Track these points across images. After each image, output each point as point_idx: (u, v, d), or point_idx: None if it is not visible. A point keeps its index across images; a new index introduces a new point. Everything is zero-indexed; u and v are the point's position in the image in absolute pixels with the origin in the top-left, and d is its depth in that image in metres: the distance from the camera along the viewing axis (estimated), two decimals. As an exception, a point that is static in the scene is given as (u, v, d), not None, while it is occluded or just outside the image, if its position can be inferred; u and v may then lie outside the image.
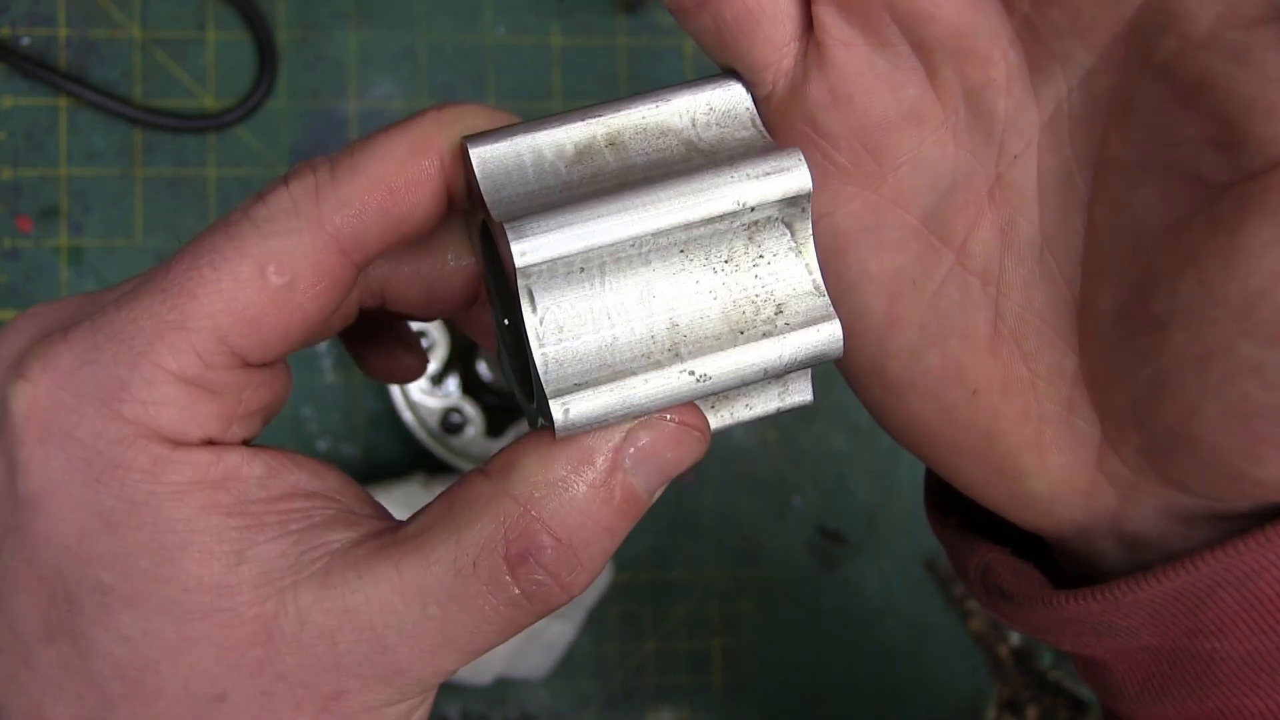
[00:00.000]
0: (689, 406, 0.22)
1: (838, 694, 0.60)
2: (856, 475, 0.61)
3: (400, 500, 0.53)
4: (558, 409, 0.21)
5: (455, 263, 0.26)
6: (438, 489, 0.53)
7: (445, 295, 0.27)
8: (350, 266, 0.23)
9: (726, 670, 0.60)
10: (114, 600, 0.22)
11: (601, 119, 0.23)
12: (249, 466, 0.22)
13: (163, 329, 0.21)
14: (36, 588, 0.22)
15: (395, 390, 0.50)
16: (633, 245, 0.21)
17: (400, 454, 0.58)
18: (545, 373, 0.21)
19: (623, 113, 0.23)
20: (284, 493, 0.23)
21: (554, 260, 0.21)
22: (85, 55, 0.57)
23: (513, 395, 0.53)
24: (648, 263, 0.22)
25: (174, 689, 0.22)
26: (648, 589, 0.60)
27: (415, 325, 0.50)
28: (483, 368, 0.52)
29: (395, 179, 0.23)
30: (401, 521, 0.24)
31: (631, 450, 0.22)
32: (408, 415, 0.50)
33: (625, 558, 0.59)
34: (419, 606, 0.22)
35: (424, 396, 0.51)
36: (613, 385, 0.21)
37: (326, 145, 0.58)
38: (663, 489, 0.23)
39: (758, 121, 0.23)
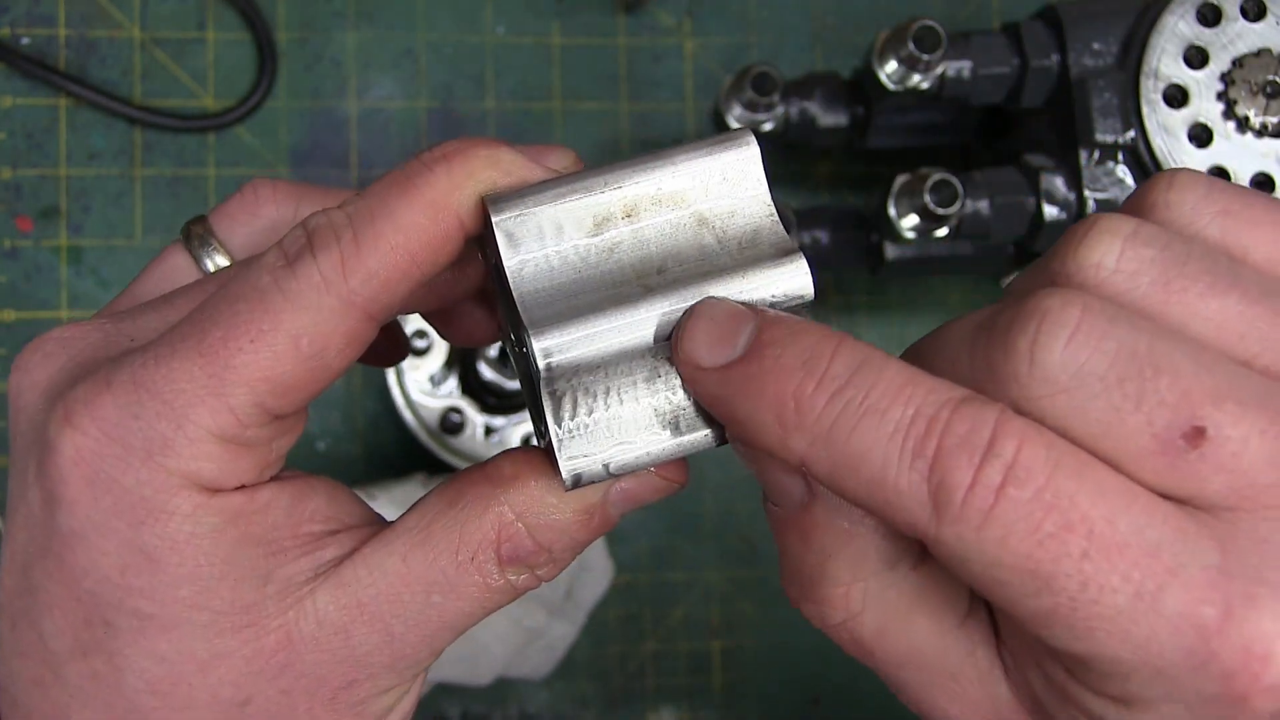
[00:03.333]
0: (676, 463, 0.26)
1: (837, 694, 0.60)
2: (857, 476, 0.61)
3: (400, 500, 0.53)
4: (568, 475, 0.24)
5: (458, 274, 0.29)
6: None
7: (446, 296, 0.29)
8: (375, 325, 0.25)
9: (726, 671, 0.60)
10: (152, 626, 0.24)
11: (620, 190, 0.25)
12: (277, 500, 0.25)
13: (204, 394, 0.23)
14: (73, 609, 0.24)
15: (395, 390, 0.50)
16: (642, 342, 0.24)
17: (400, 454, 0.58)
18: (560, 448, 0.24)
19: (640, 183, 0.25)
20: (305, 518, 0.26)
21: (573, 364, 0.24)
22: (85, 55, 0.57)
23: (512, 396, 0.53)
24: (656, 353, 0.24)
25: (204, 698, 0.25)
26: (648, 590, 0.60)
27: (417, 324, 0.50)
28: (483, 367, 0.52)
29: (417, 247, 0.24)
30: (391, 522, 0.27)
31: (616, 491, 0.26)
32: (408, 415, 0.50)
33: (625, 559, 0.59)
34: (424, 595, 0.25)
35: (424, 396, 0.50)
36: (617, 451, 0.24)
37: (326, 145, 0.58)
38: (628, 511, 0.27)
39: (766, 196, 0.25)
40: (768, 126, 0.53)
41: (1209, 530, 0.20)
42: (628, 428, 0.24)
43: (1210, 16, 0.48)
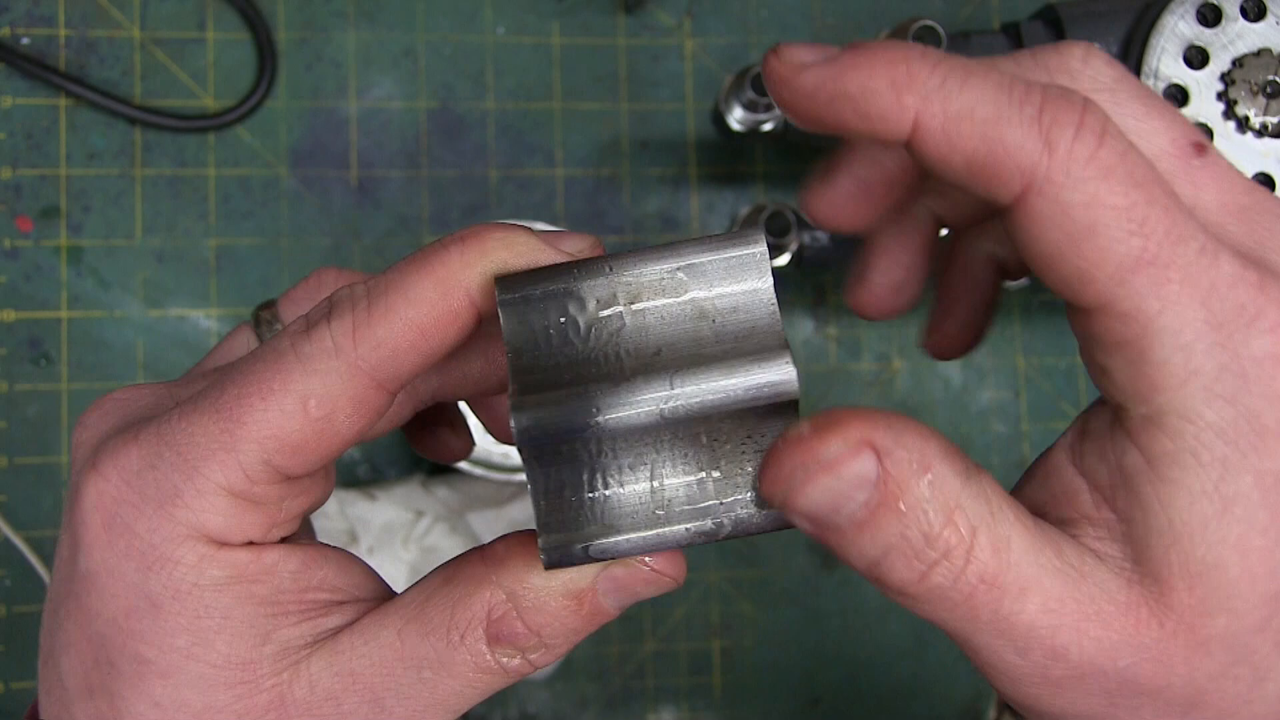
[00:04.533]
0: (667, 555, 0.26)
1: (837, 695, 0.60)
2: (857, 476, 0.61)
3: (400, 500, 0.53)
4: (545, 555, 0.24)
5: (491, 360, 0.30)
6: (437, 489, 0.53)
7: (493, 384, 0.30)
8: (385, 395, 0.26)
9: (726, 671, 0.60)
10: (150, 671, 0.25)
11: (624, 279, 0.25)
12: (284, 563, 0.26)
13: (215, 448, 0.25)
14: (85, 649, 0.26)
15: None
16: (634, 425, 0.24)
17: (400, 454, 0.58)
18: (539, 527, 0.24)
19: (645, 273, 0.25)
20: (311, 585, 0.26)
21: (558, 444, 0.24)
22: (85, 55, 0.57)
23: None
24: (645, 440, 0.24)
25: None
26: (648, 589, 0.60)
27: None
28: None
29: (426, 321, 0.25)
30: (396, 593, 0.28)
31: (605, 578, 0.26)
32: (408, 415, 0.50)
33: (625, 558, 0.59)
34: (415, 671, 0.25)
35: (424, 397, 0.51)
36: (598, 534, 0.24)
37: (326, 145, 0.58)
38: (624, 609, 0.27)
39: (771, 295, 0.25)
40: (768, 126, 0.53)
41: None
42: (612, 512, 0.24)
43: (1210, 16, 0.48)
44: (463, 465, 0.50)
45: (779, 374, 0.23)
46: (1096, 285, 0.22)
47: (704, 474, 0.24)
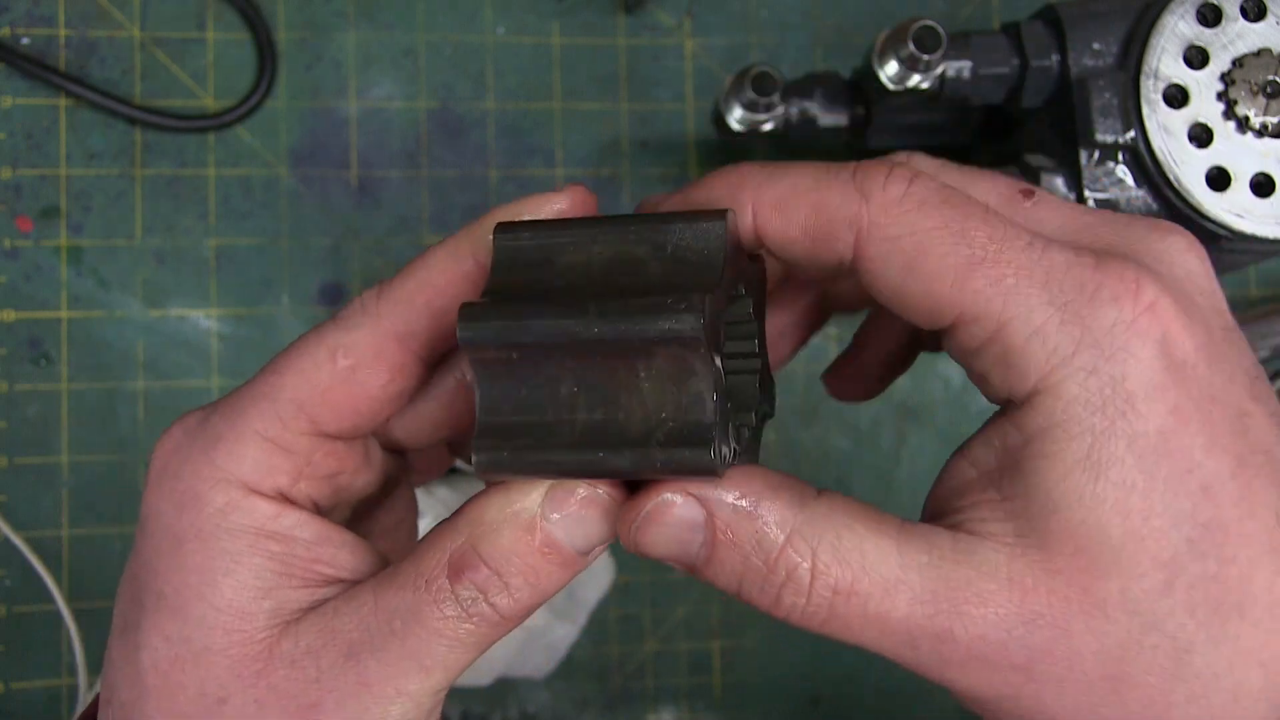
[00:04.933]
0: (605, 482, 0.27)
1: (837, 695, 0.60)
2: (857, 475, 0.61)
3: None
4: (476, 460, 0.26)
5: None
6: (437, 490, 0.53)
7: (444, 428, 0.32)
8: (407, 353, 0.28)
9: (726, 671, 0.60)
10: (165, 606, 0.27)
11: (604, 231, 0.27)
12: (302, 529, 0.28)
13: (256, 397, 0.28)
14: (126, 589, 0.28)
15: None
16: (565, 346, 0.25)
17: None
18: (476, 434, 0.26)
19: (628, 234, 0.27)
20: (322, 558, 0.28)
21: (492, 346, 0.25)
22: (85, 55, 0.57)
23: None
24: (581, 365, 0.25)
25: (192, 688, 0.27)
26: (648, 590, 0.60)
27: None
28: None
29: (440, 280, 0.28)
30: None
31: (549, 503, 0.27)
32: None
33: (626, 560, 0.59)
34: (387, 623, 0.26)
35: (424, 397, 0.51)
36: (527, 453, 0.26)
37: (326, 145, 0.58)
38: (597, 549, 0.28)
39: (722, 251, 0.26)
40: (768, 126, 0.53)
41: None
42: (543, 429, 0.25)
43: (1210, 16, 0.48)
44: (462, 465, 0.50)
45: (680, 323, 0.24)
46: (942, 300, 0.25)
47: (623, 408, 0.25)
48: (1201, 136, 0.47)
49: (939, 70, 0.49)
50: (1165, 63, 0.47)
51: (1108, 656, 0.24)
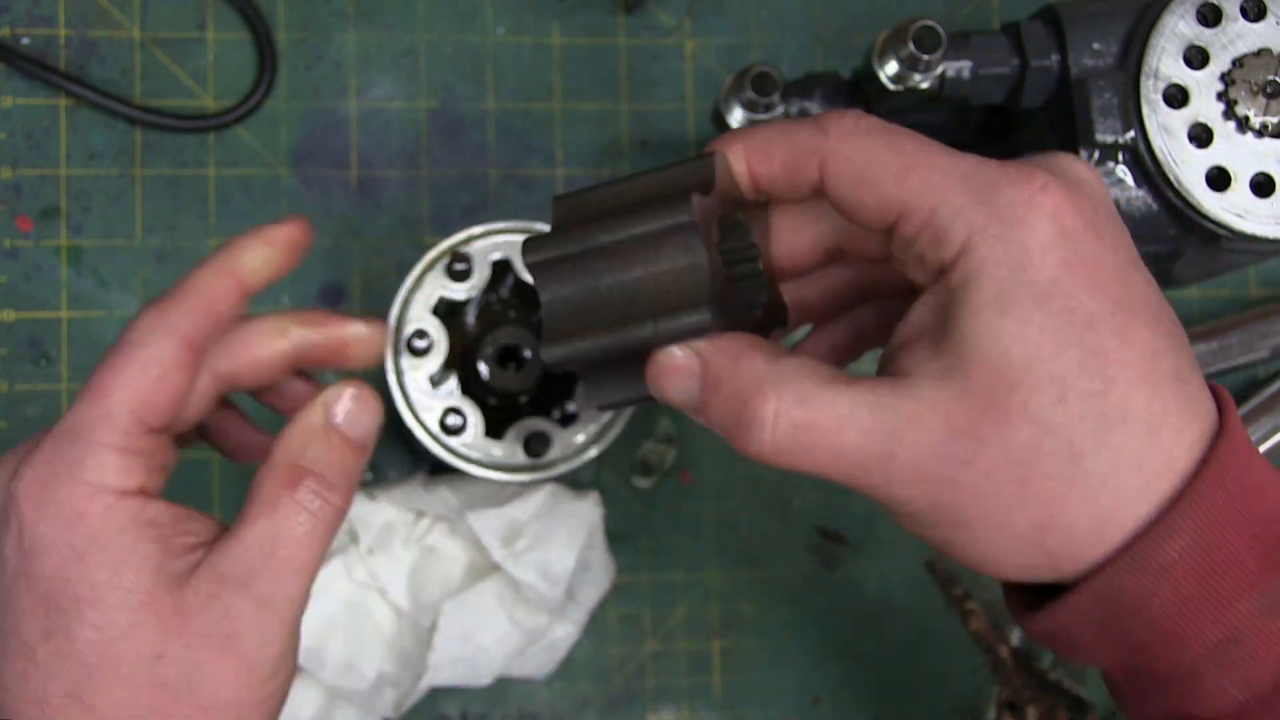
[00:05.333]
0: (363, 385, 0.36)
1: (838, 694, 0.60)
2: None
3: (400, 500, 0.53)
4: (547, 349, 0.34)
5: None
6: (438, 489, 0.53)
7: (281, 368, 0.39)
8: (194, 353, 0.35)
9: (726, 671, 0.60)
10: (85, 603, 0.33)
11: (628, 181, 0.35)
12: (164, 514, 0.34)
13: (97, 419, 0.34)
14: (37, 607, 0.33)
15: (395, 391, 0.50)
16: (598, 250, 0.33)
17: (400, 454, 0.58)
18: (545, 331, 0.34)
19: (646, 180, 0.35)
20: (187, 531, 0.35)
21: (548, 261, 0.34)
22: (85, 55, 0.57)
23: (513, 396, 0.53)
24: (609, 260, 0.33)
25: (131, 656, 0.33)
26: (648, 590, 0.60)
27: (417, 324, 0.50)
28: (483, 368, 0.52)
29: (216, 291, 0.36)
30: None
31: (332, 411, 0.36)
32: (407, 415, 0.50)
33: (625, 559, 0.59)
34: (258, 549, 0.34)
35: (424, 397, 0.50)
36: (580, 340, 0.33)
37: (326, 145, 0.58)
38: (373, 433, 0.37)
39: (713, 173, 0.34)
40: (768, 126, 0.52)
41: None
42: (586, 318, 0.34)
43: (1210, 16, 0.48)
44: (462, 465, 0.50)
45: (677, 214, 0.32)
46: (887, 199, 0.31)
47: (643, 294, 0.33)
48: (1201, 136, 0.47)
49: (939, 70, 0.49)
50: (1165, 63, 0.47)
51: (1015, 461, 0.29)
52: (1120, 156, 0.48)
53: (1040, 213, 0.30)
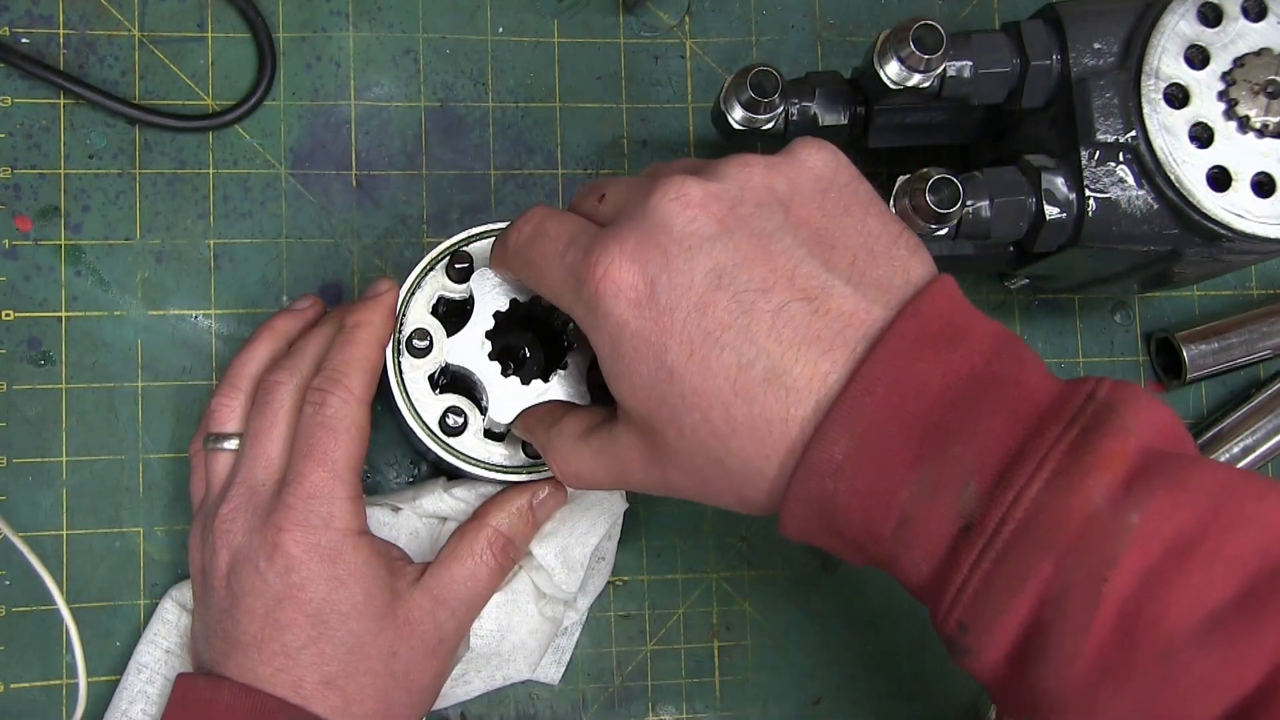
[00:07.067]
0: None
1: (838, 694, 0.60)
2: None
3: (422, 509, 0.53)
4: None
5: None
6: (457, 491, 0.53)
7: None
8: (369, 408, 0.48)
9: (726, 671, 0.60)
10: (348, 617, 0.45)
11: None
12: (381, 544, 0.48)
13: (332, 481, 0.46)
14: (306, 621, 0.45)
15: (395, 391, 0.50)
16: None
17: (400, 454, 0.58)
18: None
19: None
20: (393, 556, 0.49)
21: None
22: (85, 55, 0.57)
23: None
24: None
25: (375, 653, 0.46)
26: (647, 590, 0.59)
27: (417, 324, 0.50)
28: (483, 368, 0.52)
29: (375, 353, 0.49)
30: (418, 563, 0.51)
31: (536, 498, 0.51)
32: (408, 415, 0.50)
33: (625, 559, 0.59)
34: (463, 584, 0.48)
35: (424, 396, 0.50)
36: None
37: (326, 145, 0.58)
38: (550, 518, 0.53)
39: None
40: (768, 126, 0.52)
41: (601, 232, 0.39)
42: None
43: (1211, 16, 0.47)
44: (462, 465, 0.50)
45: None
46: (544, 293, 0.43)
47: None
48: (1202, 136, 0.47)
49: (939, 70, 0.49)
50: (1166, 62, 0.47)
51: (685, 469, 0.39)
52: (1121, 156, 0.48)
53: (606, 300, 0.38)
